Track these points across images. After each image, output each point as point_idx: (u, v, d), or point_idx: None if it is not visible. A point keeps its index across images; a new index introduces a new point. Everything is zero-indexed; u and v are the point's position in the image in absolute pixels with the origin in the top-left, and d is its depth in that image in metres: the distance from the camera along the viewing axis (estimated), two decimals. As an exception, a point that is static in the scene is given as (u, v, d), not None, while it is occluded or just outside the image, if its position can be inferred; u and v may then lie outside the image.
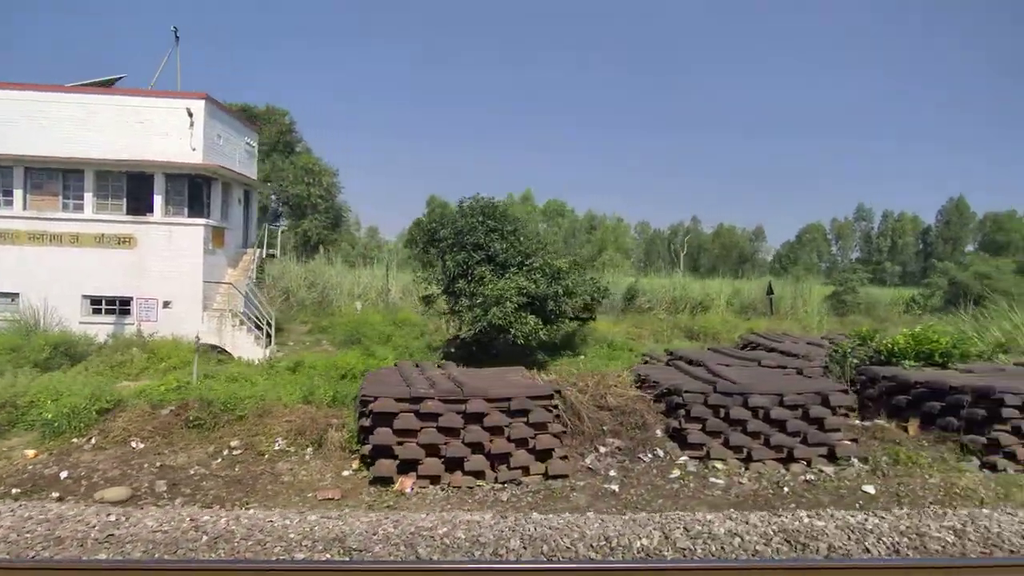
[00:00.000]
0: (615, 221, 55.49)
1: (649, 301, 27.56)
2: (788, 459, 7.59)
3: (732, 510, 6.01)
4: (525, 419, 6.96)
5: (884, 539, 4.67)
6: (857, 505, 6.56)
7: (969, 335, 12.41)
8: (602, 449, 7.53)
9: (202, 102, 15.09)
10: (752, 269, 62.66)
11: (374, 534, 4.50)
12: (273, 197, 36.16)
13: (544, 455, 7.06)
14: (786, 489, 6.99)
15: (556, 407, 7.31)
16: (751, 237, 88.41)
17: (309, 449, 7.27)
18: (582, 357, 16.49)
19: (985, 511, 5.66)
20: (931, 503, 6.73)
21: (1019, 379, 8.75)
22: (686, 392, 7.88)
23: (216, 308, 15.02)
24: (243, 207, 18.06)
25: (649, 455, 7.55)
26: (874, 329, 11.73)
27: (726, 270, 66.70)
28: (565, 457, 7.18)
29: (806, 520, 5.09)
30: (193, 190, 15.56)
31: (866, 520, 5.11)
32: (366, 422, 6.84)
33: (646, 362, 12.34)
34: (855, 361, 10.57)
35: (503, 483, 6.80)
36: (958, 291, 25.89)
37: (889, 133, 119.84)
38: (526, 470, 6.94)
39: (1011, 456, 7.62)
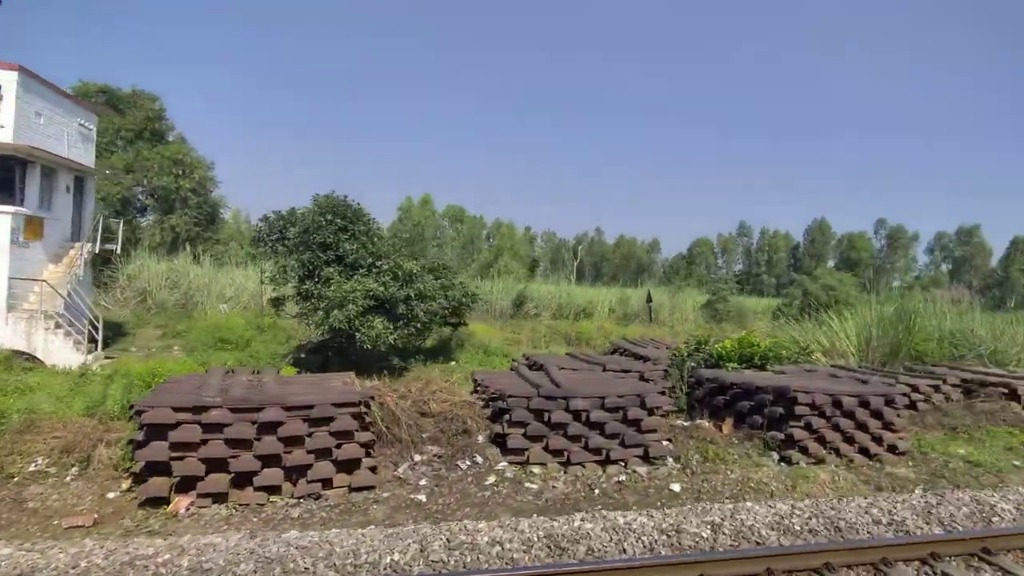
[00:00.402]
0: (513, 228, 56.04)
1: (536, 307, 28.06)
2: (606, 461, 7.77)
3: (534, 516, 5.96)
4: (328, 428, 6.56)
5: (644, 538, 4.79)
6: (658, 504, 6.78)
7: (796, 339, 13.60)
8: (418, 457, 7.29)
9: (14, 73, 13.27)
10: (649, 279, 66.12)
11: (72, 568, 3.91)
12: (139, 189, 32.93)
13: (351, 465, 6.69)
14: (597, 491, 7.11)
15: (365, 415, 6.97)
16: (648, 249, 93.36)
17: (74, 469, 6.40)
18: (454, 363, 16.32)
19: (748, 504, 6.02)
20: (727, 496, 7.14)
21: (819, 379, 9.60)
22: (510, 397, 7.84)
23: (26, 309, 13.20)
24: (74, 196, 16.11)
25: (467, 462, 7.41)
26: (707, 335, 12.49)
27: (626, 279, 69.99)
28: (374, 468, 6.86)
29: (576, 524, 5.12)
30: (4, 173, 13.63)
31: (634, 520, 5.22)
32: (140, 435, 6.12)
33: (513, 368, 12.36)
34: (692, 365, 11.18)
35: (299, 498, 6.35)
36: (810, 301, 28.62)
37: (763, 154, 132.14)
38: (328, 483, 6.54)
39: (804, 450, 8.29)
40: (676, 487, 7.34)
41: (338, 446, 6.60)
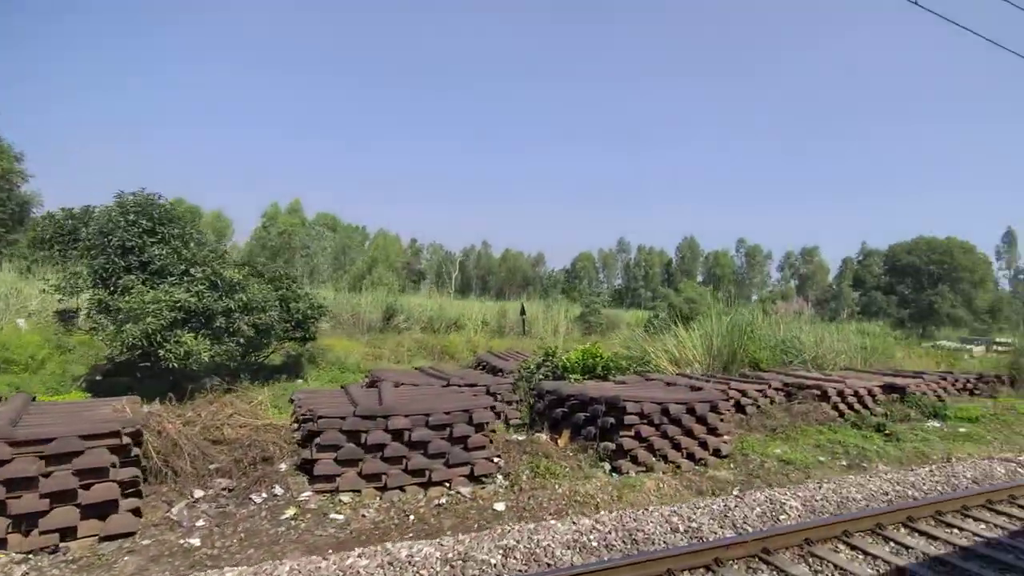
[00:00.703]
0: (390, 238, 54.68)
1: (407, 321, 27.30)
2: (429, 483, 7.32)
3: (313, 555, 5.34)
4: (71, 466, 5.48)
5: (423, 572, 4.40)
6: (475, 527, 6.43)
7: (646, 349, 14.20)
8: (200, 493, 6.36)
9: None
10: (535, 292, 67.65)
11: None
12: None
13: (105, 509, 5.64)
14: (413, 517, 6.63)
15: (131, 447, 5.95)
16: (534, 262, 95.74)
17: None
18: (301, 381, 15.16)
19: (552, 521, 5.88)
20: (552, 513, 6.97)
21: (653, 388, 9.92)
22: (321, 418, 7.15)
23: None
24: None
25: (264, 495, 6.61)
26: (555, 346, 12.65)
27: (511, 293, 71.15)
28: (137, 509, 5.85)
29: (349, 561, 4.61)
30: None
31: (420, 551, 4.82)
32: None
33: (344, 387, 11.57)
34: (540, 377, 11.14)
35: (28, 553, 5.21)
36: (674, 313, 30.61)
37: (645, 175, 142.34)
38: (71, 532, 5.44)
39: (634, 459, 8.42)
40: (500, 506, 7.07)
41: (86, 486, 5.53)
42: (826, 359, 16.20)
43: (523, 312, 28.67)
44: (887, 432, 11.40)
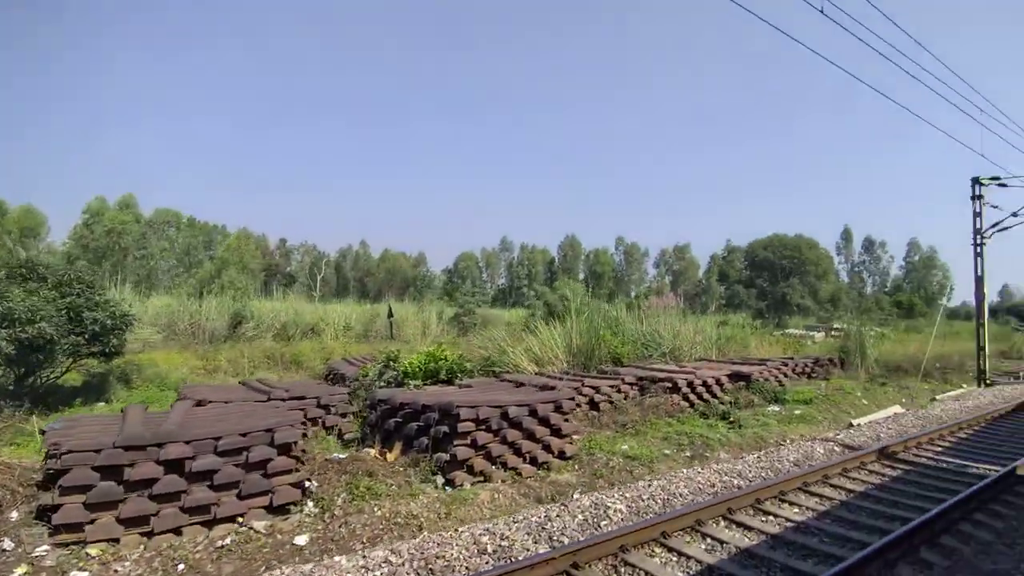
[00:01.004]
0: (243, 237, 50.66)
1: (257, 328, 25.13)
2: (214, 520, 6.24)
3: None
4: None
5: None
6: (263, 568, 5.52)
7: (504, 349, 13.86)
8: None
9: None
10: (416, 293, 66.10)
11: None
12: None
13: None
14: (182, 567, 5.53)
15: None
16: (415, 263, 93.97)
17: None
18: (102, 404, 13.04)
19: (339, 559, 5.14)
20: (365, 541, 6.19)
21: (496, 391, 9.49)
22: (67, 453, 5.82)
23: None
24: None
25: (-24, 556, 5.21)
26: (398, 350, 11.90)
27: (391, 295, 69.02)
28: None
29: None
30: None
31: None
32: None
33: (124, 410, 9.94)
34: (380, 384, 10.30)
35: None
36: (548, 311, 31.01)
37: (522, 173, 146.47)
38: None
39: (471, 469, 7.87)
40: (303, 539, 6.16)
41: None
42: (683, 351, 16.89)
43: (390, 314, 27.48)
44: (731, 419, 11.91)
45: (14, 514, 5.67)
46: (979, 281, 19.17)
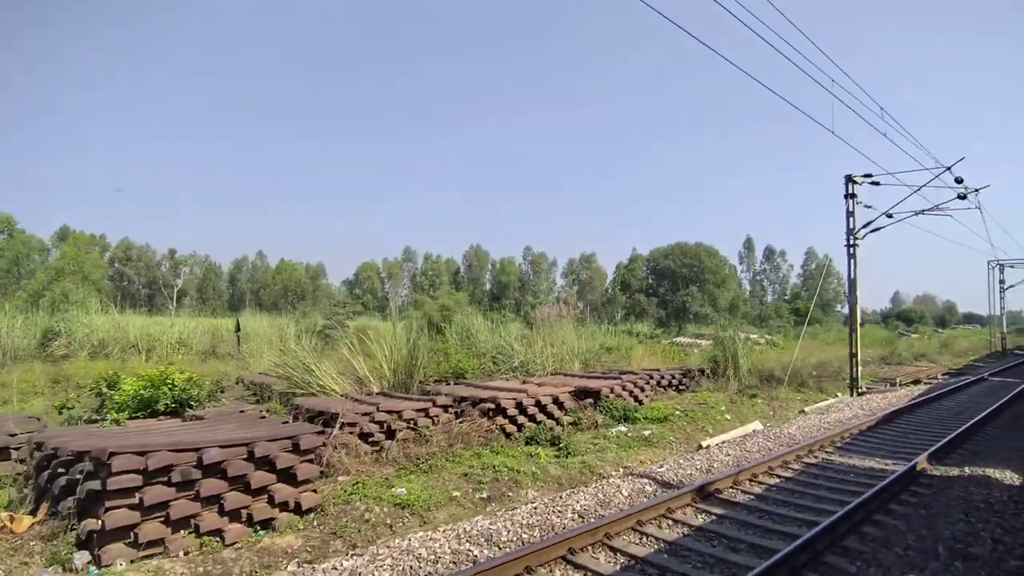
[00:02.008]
0: (81, 242, 45.40)
1: (70, 345, 21.78)
2: None
3: None
4: None
5: None
6: None
7: (307, 366, 11.81)
8: None
9: None
10: (312, 305, 62.24)
11: None
12: None
13: None
14: None
15: None
16: (313, 274, 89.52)
17: None
18: None
19: None
20: None
21: (222, 426, 7.45)
22: None
23: None
24: None
25: None
26: (116, 373, 9.59)
27: (286, 306, 64.76)
28: None
29: None
30: None
31: None
32: None
33: None
34: (85, 420, 7.95)
35: None
36: (431, 322, 29.13)
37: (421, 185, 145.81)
38: None
39: (135, 540, 5.79)
40: None
41: None
42: (535, 364, 15.47)
43: (238, 329, 24.61)
44: (561, 445, 10.46)
45: None
46: (852, 284, 19.03)
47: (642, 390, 14.34)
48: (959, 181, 16.34)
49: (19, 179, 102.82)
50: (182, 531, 6.07)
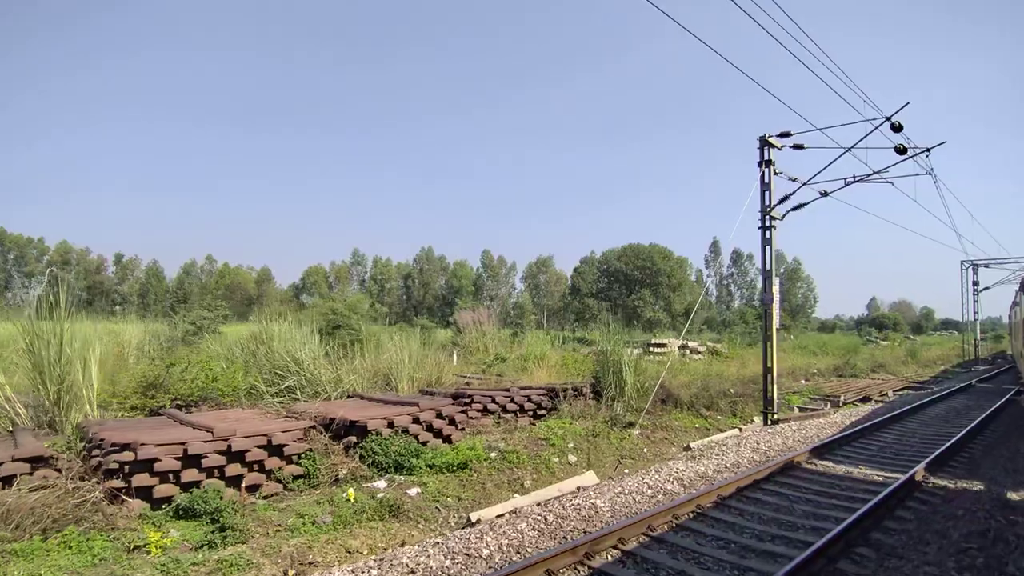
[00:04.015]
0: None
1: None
2: None
3: None
4: None
5: None
6: None
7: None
8: None
9: None
10: (260, 310, 58.16)
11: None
12: None
13: None
14: None
15: None
16: (259, 278, 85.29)
17: None
18: None
19: None
20: None
21: None
22: None
23: None
24: None
25: None
26: None
27: (231, 312, 60.46)
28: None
29: None
30: None
31: None
32: None
33: None
34: None
35: None
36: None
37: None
38: None
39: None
40: None
41: None
42: (327, 384, 11.62)
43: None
44: (222, 523, 6.62)
45: None
46: (767, 277, 15.16)
47: (468, 419, 10.58)
48: (897, 129, 12.64)
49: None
50: None
